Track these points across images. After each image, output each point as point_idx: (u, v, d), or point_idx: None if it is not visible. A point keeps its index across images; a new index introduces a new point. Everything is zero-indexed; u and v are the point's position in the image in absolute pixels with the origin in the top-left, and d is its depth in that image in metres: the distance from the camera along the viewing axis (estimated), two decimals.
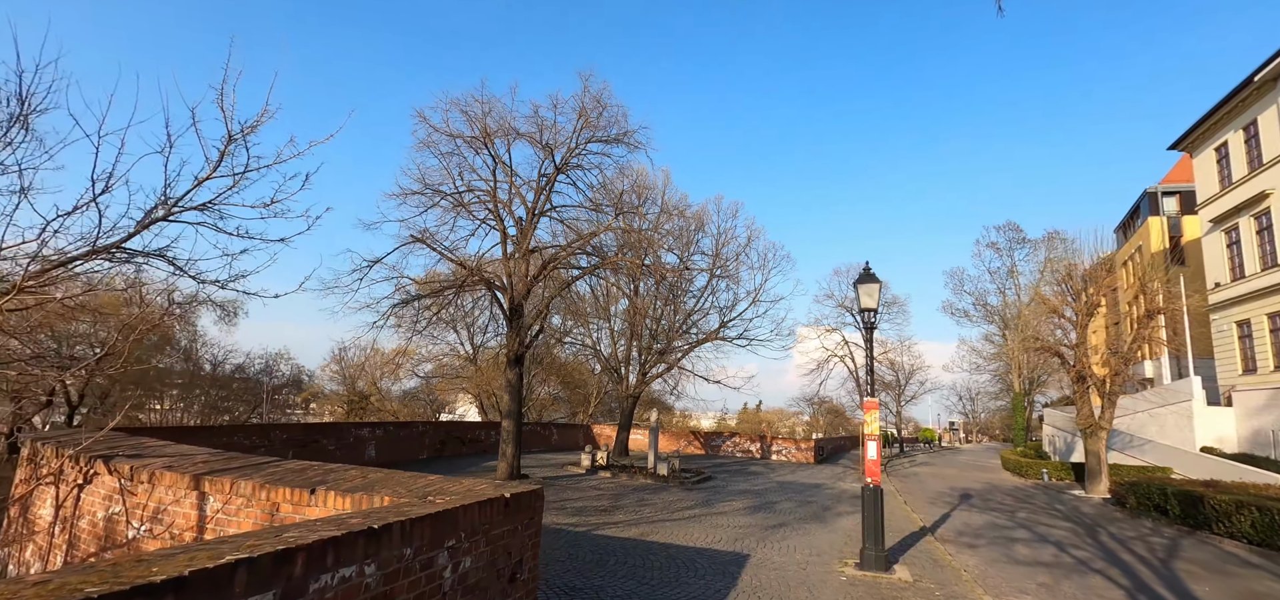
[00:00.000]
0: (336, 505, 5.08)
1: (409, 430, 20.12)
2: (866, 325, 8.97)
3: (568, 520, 11.55)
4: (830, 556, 9.71)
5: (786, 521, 13.13)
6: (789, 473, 25.36)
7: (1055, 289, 25.48)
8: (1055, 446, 45.18)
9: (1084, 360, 22.40)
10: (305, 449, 14.58)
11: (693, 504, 14.81)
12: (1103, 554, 11.43)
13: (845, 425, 66.67)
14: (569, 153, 17.23)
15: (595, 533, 10.53)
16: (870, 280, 8.89)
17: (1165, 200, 38.36)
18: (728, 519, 12.90)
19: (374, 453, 17.45)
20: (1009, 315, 47.73)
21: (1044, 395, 64.02)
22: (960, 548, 11.49)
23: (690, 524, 11.99)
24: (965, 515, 16.23)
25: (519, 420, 16.75)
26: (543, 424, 32.18)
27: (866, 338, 9.03)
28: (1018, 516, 16.40)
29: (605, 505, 13.75)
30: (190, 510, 5.70)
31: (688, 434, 35.32)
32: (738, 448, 33.37)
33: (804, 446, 32.58)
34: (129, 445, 7.41)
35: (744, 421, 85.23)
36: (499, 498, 4.62)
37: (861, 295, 8.91)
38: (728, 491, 17.69)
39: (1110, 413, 22.45)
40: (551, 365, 42.05)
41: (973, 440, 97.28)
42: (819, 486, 20.90)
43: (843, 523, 13.49)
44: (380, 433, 18.07)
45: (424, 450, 20.64)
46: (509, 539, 4.76)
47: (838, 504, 16.72)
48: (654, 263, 15.36)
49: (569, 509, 12.90)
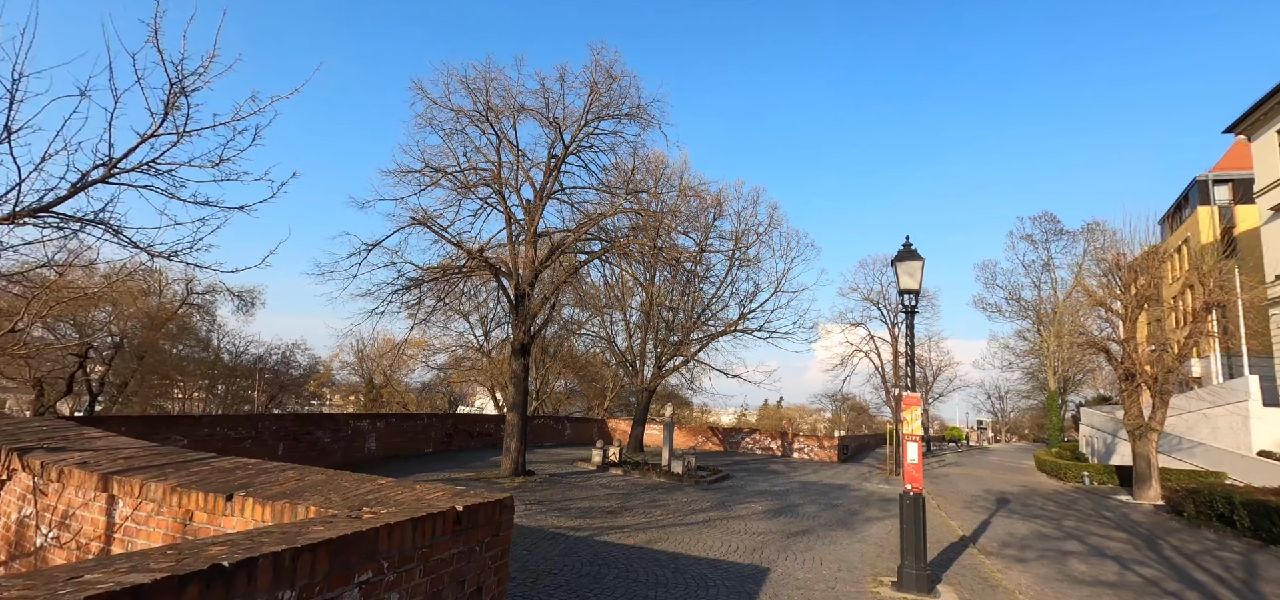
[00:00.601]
0: (256, 515, 4.11)
1: (413, 422, 19.31)
2: (907, 309, 7.79)
3: (569, 523, 10.55)
4: (862, 572, 8.55)
5: (810, 528, 11.97)
6: (811, 472, 24.11)
7: (1100, 280, 23.77)
8: (1093, 448, 43.12)
9: (1134, 356, 20.76)
10: (297, 442, 13.80)
11: (708, 506, 13.72)
12: (1173, 573, 10.08)
13: (869, 423, 64.85)
14: (579, 130, 16.19)
15: (597, 539, 9.50)
16: (911, 257, 7.71)
17: (1216, 188, 36.10)
18: (746, 524, 11.79)
19: (374, 446, 16.67)
20: (1044, 310, 45.66)
21: (1077, 395, 61.57)
22: (1008, 562, 10.23)
23: (704, 530, 10.91)
24: (1007, 523, 14.89)
25: (524, 413, 15.81)
26: (556, 418, 31.32)
27: (907, 322, 7.84)
28: (1064, 525, 15.01)
29: (613, 506, 12.73)
30: (99, 516, 4.79)
31: (706, 430, 34.17)
32: (757, 445, 32.14)
33: (827, 444, 31.23)
34: (67, 437, 6.57)
35: (764, 418, 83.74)
36: (446, 512, 3.60)
37: (901, 275, 7.74)
38: (746, 492, 16.57)
39: (1162, 413, 20.80)
40: (567, 359, 41.20)
41: (1001, 440, 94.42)
42: (844, 488, 19.64)
43: (873, 530, 12.28)
44: (381, 425, 17.26)
45: (429, 444, 19.84)
46: (461, 563, 3.74)
47: (866, 508, 15.48)
48: (668, 246, 14.24)
49: (573, 510, 11.90)
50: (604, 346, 30.28)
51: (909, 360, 7.75)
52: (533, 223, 16.38)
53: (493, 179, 15.40)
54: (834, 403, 61.89)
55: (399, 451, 17.90)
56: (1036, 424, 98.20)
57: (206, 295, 40.22)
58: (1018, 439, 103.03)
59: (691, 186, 17.31)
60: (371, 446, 16.62)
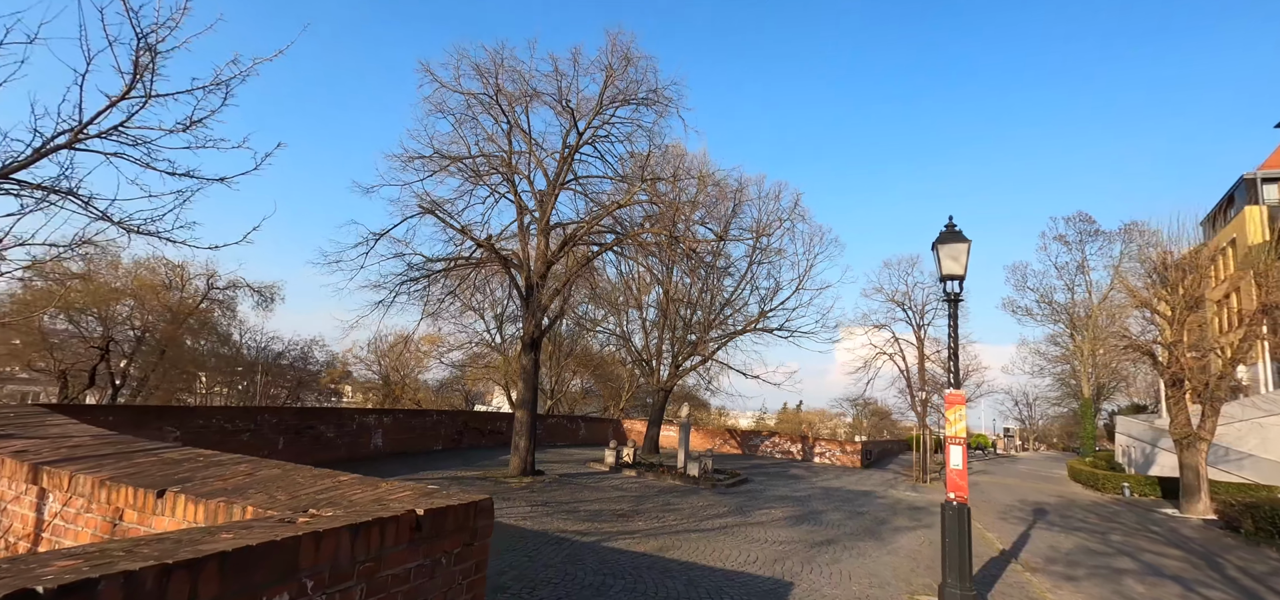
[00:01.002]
0: (188, 514, 3.48)
1: (423, 419, 18.80)
2: (950, 296, 6.96)
3: (577, 527, 9.86)
4: (896, 589, 7.73)
5: (836, 537, 11.13)
6: (834, 477, 23.15)
7: (1145, 280, 22.46)
8: (1130, 458, 41.33)
9: (1183, 360, 19.49)
10: (299, 436, 13.33)
11: (725, 511, 12.94)
12: (1243, 596, 9.07)
13: (891, 428, 63.26)
14: (594, 116, 15.52)
15: (605, 545, 8.80)
16: (954, 239, 6.89)
17: (1265, 187, 34.28)
18: (765, 531, 11.00)
19: (381, 442, 16.17)
20: (1077, 314, 43.90)
21: (1110, 403, 59.35)
22: (1056, 581, 9.30)
23: (720, 537, 10.15)
24: (1048, 535, 13.86)
25: (534, 410, 15.18)
26: (570, 417, 30.71)
27: (950, 312, 7.01)
28: (1111, 539, 13.93)
29: (624, 509, 12.02)
30: (29, 511, 4.21)
31: (723, 432, 33.30)
32: (777, 448, 31.19)
33: (849, 449, 30.19)
34: (25, 422, 6.05)
35: (784, 421, 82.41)
36: (402, 517, 2.92)
37: (943, 259, 6.93)
38: (766, 497, 15.74)
39: (1213, 421, 19.51)
40: (584, 358, 40.64)
41: (1029, 448, 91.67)
42: (869, 495, 18.69)
43: (904, 541, 11.40)
44: (388, 421, 16.75)
45: (439, 441, 19.32)
46: (422, 580, 3.06)
47: (894, 516, 14.56)
48: (685, 236, 13.49)
49: (581, 513, 11.21)
50: (620, 345, 29.60)
51: (952, 354, 6.93)
52: (545, 213, 15.76)
53: (503, 166, 14.81)
54: (855, 407, 60.47)
55: (407, 448, 17.40)
56: (1066, 432, 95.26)
57: (227, 291, 40.51)
58: (1046, 448, 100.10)
59: (711, 176, 16.55)
60: (377, 442, 16.13)
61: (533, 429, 15.06)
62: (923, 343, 42.91)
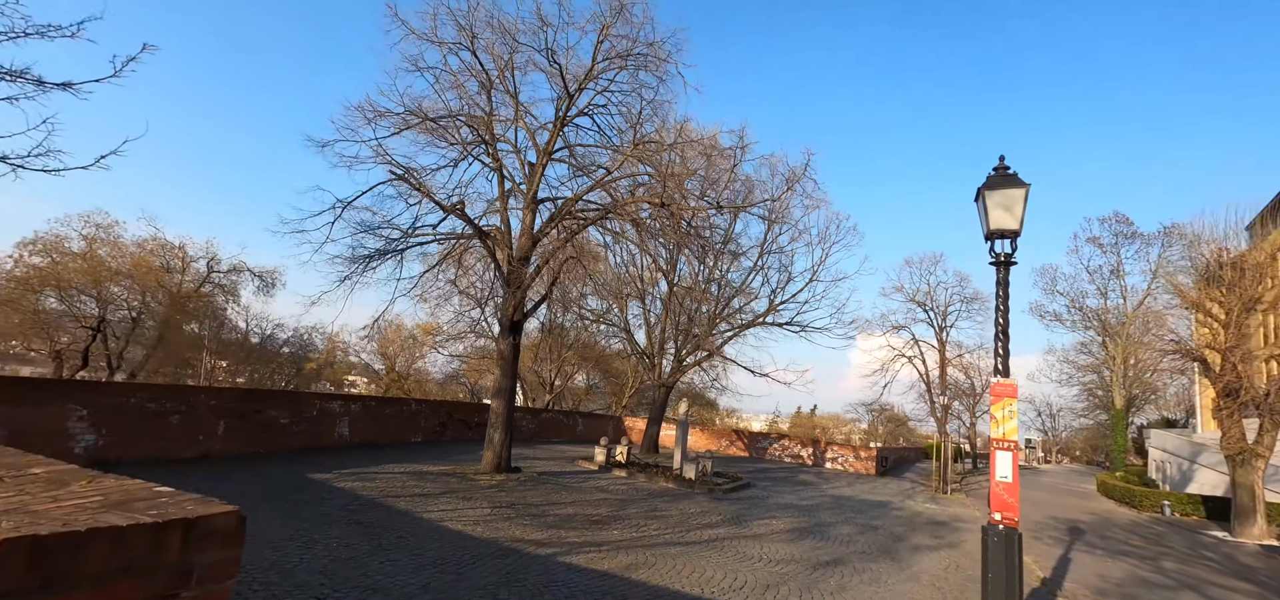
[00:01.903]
0: None
1: (398, 408, 17.42)
2: (1000, 259, 5.33)
3: (535, 536, 8.37)
4: None
5: (844, 556, 9.51)
6: (845, 484, 21.41)
7: (1196, 279, 20.41)
8: (1165, 473, 38.90)
9: (1241, 368, 17.50)
10: (242, 421, 11.97)
11: (718, 520, 11.37)
12: None
13: (908, 435, 60.98)
14: (588, 79, 13.99)
15: (561, 559, 7.29)
16: (1007, 183, 5.27)
17: None
18: (761, 547, 9.41)
19: (347, 432, 14.82)
20: (1111, 320, 41.45)
21: (1138, 416, 56.56)
22: None
23: (706, 552, 8.59)
24: (1093, 561, 12.09)
25: (511, 400, 13.73)
26: (567, 412, 29.28)
27: (1001, 278, 5.37)
28: (1165, 568, 12.12)
29: (602, 515, 10.50)
30: None
31: (730, 433, 31.60)
32: (786, 452, 29.46)
33: (864, 455, 28.34)
34: None
35: (797, 425, 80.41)
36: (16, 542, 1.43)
37: (991, 210, 5.31)
38: (767, 505, 14.12)
39: (1272, 436, 17.50)
40: (588, 352, 39.21)
41: (1052, 460, 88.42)
42: (884, 505, 16.97)
43: (926, 564, 9.75)
44: (357, 409, 15.38)
45: (419, 433, 17.97)
46: None
47: (912, 532, 12.87)
48: (679, 204, 11.92)
49: (549, 519, 9.71)
50: (622, 338, 28.08)
51: (1001, 333, 5.30)
52: (532, 185, 14.31)
53: (483, 127, 13.35)
54: (871, 412, 58.41)
55: (379, 439, 16.05)
56: (1090, 445, 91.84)
57: (230, 275, 39.82)
58: (1069, 460, 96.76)
59: (718, 147, 14.72)
60: (344, 432, 14.78)
61: (510, 421, 13.61)
62: (944, 346, 40.86)
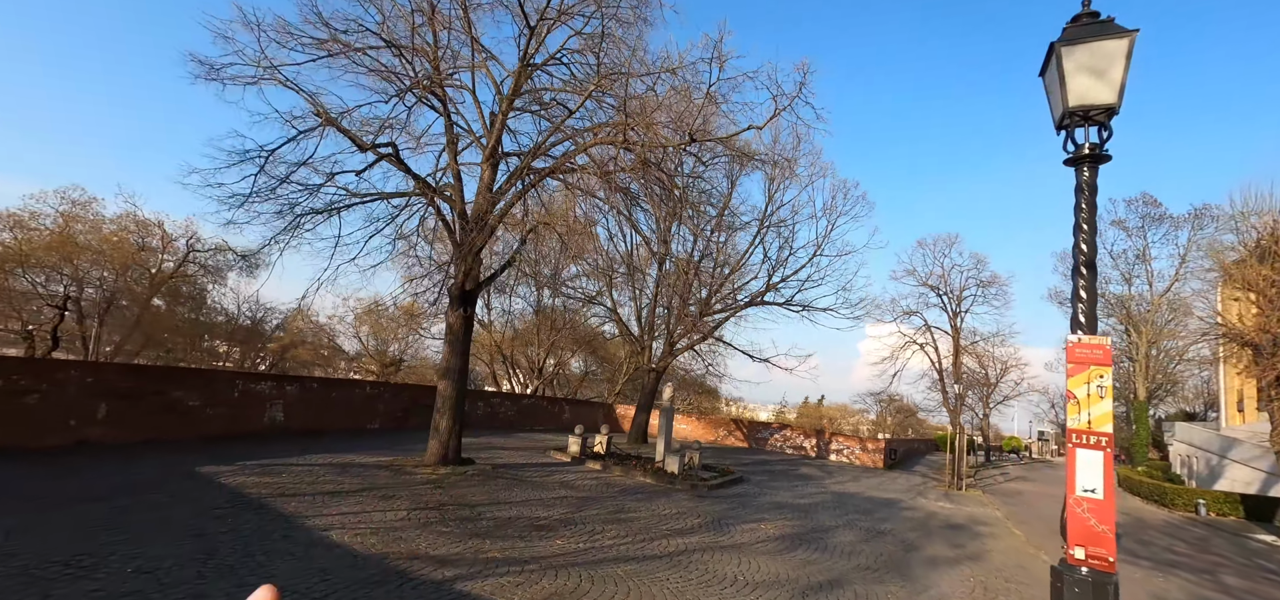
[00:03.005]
0: None
1: (348, 392, 15.65)
2: (1084, 154, 3.38)
3: (447, 549, 6.56)
4: None
5: (843, 575, 7.64)
6: (850, 479, 19.51)
7: (1243, 256, 18.29)
8: (1191, 469, 36.80)
9: None
10: (135, 403, 10.17)
11: (696, 524, 9.52)
12: None
13: (917, 427, 58.81)
14: (561, 16, 11.95)
15: (459, 586, 5.48)
16: (1099, 33, 3.35)
17: None
18: (739, 562, 7.56)
19: (280, 416, 13.07)
20: (1136, 308, 39.13)
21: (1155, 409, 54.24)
22: None
23: (665, 571, 6.76)
24: (1140, 574, 10.16)
25: (461, 382, 11.90)
26: (553, 399, 27.50)
27: (1085, 180, 3.42)
28: (1229, 585, 10.18)
29: (552, 519, 8.68)
30: None
31: (728, 423, 29.71)
32: (788, 443, 27.54)
33: (871, 447, 26.38)
34: None
35: (805, 415, 78.44)
36: None
37: (1069, 78, 3.39)
38: (758, 505, 12.26)
39: None
40: (582, 337, 37.38)
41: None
42: (892, 504, 15.08)
43: (945, 584, 7.86)
44: (293, 390, 13.58)
45: (377, 419, 16.24)
46: None
47: (927, 539, 10.98)
48: (644, 141, 9.91)
49: (482, 524, 7.90)
50: (609, 318, 26.21)
51: (1084, 264, 3.37)
52: (493, 136, 12.42)
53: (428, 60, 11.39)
54: (879, 402, 56.39)
55: (323, 426, 14.30)
56: None
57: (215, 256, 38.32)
58: None
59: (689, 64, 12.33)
60: (276, 417, 13.02)
61: (459, 406, 11.80)
62: (959, 332, 38.75)
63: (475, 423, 20.79)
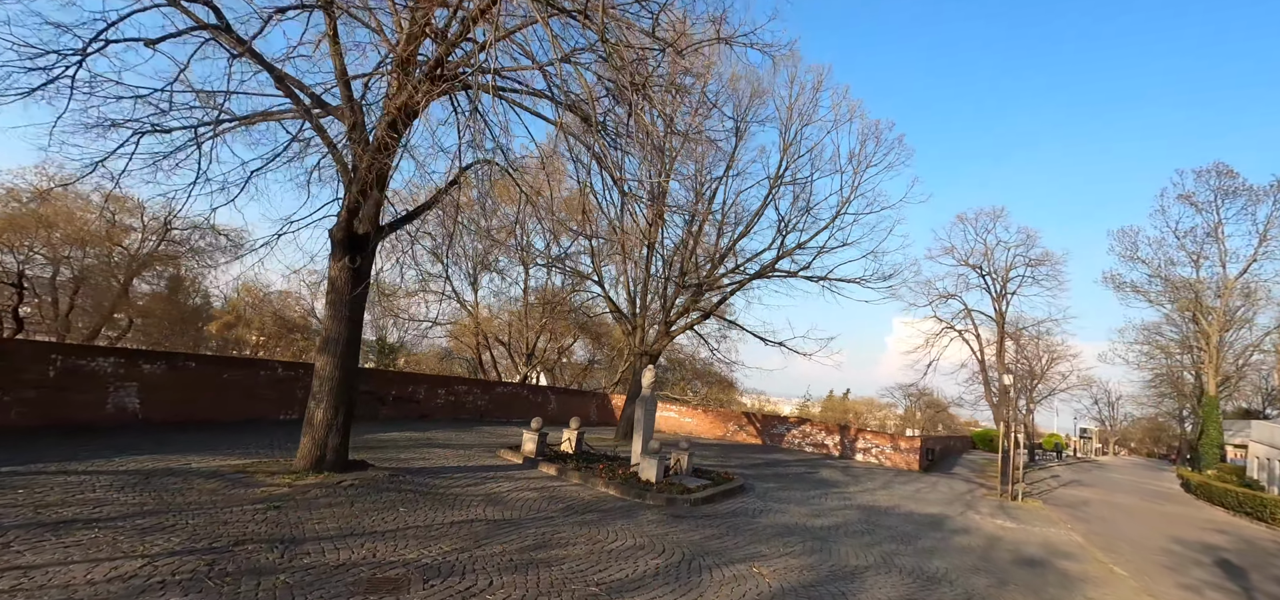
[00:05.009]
0: None
1: (249, 374, 12.67)
2: None
3: None
4: None
5: None
6: (880, 486, 16.03)
7: None
8: (1272, 473, 32.34)
9: None
10: None
11: (651, 570, 6.29)
12: None
13: (948, 422, 54.57)
14: None
15: None
16: None
17: None
18: None
19: (135, 404, 10.16)
20: (1205, 293, 34.58)
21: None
22: None
23: None
24: None
25: (348, 359, 8.83)
26: (536, 387, 24.47)
27: None
28: None
29: (419, 564, 5.52)
30: None
31: (738, 416, 26.26)
32: (808, 440, 24.04)
33: (903, 445, 22.73)
34: None
35: (829, 409, 74.43)
36: None
37: None
38: (756, 529, 8.94)
39: None
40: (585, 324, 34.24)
41: (1108, 451, 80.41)
42: (939, 524, 11.62)
43: None
44: (156, 368, 10.54)
45: (295, 408, 13.34)
46: None
47: (1002, 594, 7.56)
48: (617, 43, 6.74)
49: (287, 574, 4.78)
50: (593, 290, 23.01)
51: None
52: (403, 33, 9.28)
53: None
54: (908, 396, 52.38)
55: (203, 416, 11.36)
56: (1150, 436, 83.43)
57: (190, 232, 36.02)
58: (1127, 451, 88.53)
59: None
60: (129, 404, 10.09)
61: (345, 392, 8.74)
62: (1003, 317, 34.74)
63: (435, 413, 17.80)
